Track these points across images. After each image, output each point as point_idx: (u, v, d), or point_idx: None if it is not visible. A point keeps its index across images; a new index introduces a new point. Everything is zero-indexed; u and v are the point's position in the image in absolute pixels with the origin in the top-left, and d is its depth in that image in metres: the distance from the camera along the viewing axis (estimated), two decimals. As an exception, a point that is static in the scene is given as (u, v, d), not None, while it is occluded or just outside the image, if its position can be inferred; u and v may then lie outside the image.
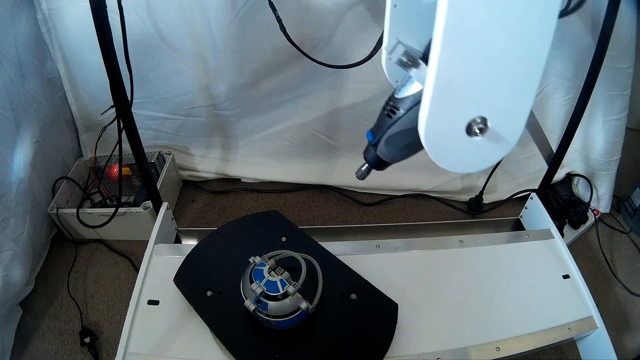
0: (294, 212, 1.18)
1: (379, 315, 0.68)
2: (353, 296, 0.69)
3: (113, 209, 0.97)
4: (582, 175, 1.13)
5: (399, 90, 0.48)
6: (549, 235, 0.87)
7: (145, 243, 0.83)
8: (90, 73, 1.04)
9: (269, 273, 0.63)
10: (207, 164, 1.25)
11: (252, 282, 0.62)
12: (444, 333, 0.69)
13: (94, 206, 1.11)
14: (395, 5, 0.47)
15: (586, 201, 1.12)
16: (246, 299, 0.63)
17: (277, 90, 1.08)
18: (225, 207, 1.20)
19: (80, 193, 1.13)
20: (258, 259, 0.65)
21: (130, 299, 0.73)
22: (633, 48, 0.88)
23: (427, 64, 0.37)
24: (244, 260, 0.67)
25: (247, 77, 1.06)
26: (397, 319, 0.67)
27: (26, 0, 0.94)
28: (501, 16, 0.34)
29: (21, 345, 0.87)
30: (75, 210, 1.01)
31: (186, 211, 1.19)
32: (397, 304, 0.68)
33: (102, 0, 0.62)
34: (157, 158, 1.15)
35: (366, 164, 0.56)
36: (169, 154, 1.18)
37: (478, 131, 0.39)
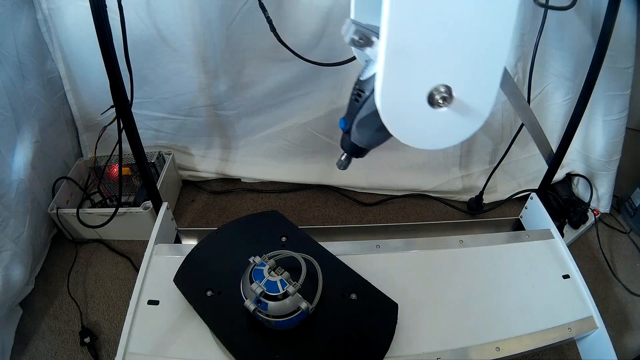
0: (294, 212, 1.18)
1: (379, 315, 0.68)
2: (353, 296, 0.69)
3: (113, 209, 0.97)
4: (582, 175, 1.13)
5: (363, 72, 0.46)
6: (549, 235, 0.87)
7: (145, 243, 0.83)
8: (90, 73, 1.04)
9: (269, 273, 0.63)
10: (207, 164, 1.25)
11: (252, 282, 0.62)
12: (444, 333, 0.69)
13: (94, 206, 1.11)
14: None
15: (586, 201, 1.12)
16: (246, 299, 0.63)
17: (277, 90, 1.08)
18: (225, 207, 1.20)
19: (80, 193, 1.13)
20: (258, 259, 0.65)
21: (130, 299, 0.72)
22: (633, 48, 0.88)
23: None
24: (244, 260, 0.67)
25: (247, 77, 1.06)
26: (397, 319, 0.67)
27: (26, 0, 0.94)
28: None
29: (21, 345, 0.87)
30: (75, 210, 1.01)
31: (186, 211, 1.19)
32: (397, 304, 0.68)
33: (102, 0, 0.62)
34: (157, 158, 1.15)
35: (345, 153, 0.55)
36: (169, 154, 1.18)
37: (441, 101, 0.37)
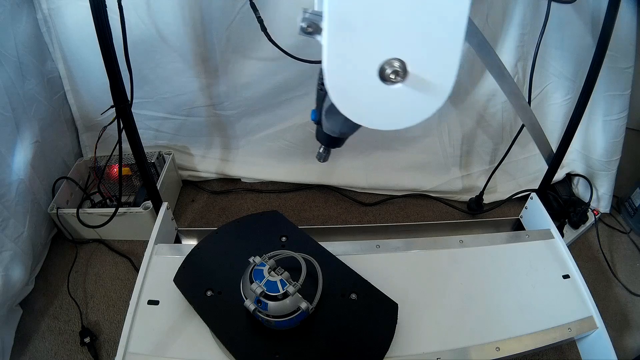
0: (294, 212, 1.18)
1: (379, 315, 0.67)
2: (353, 296, 0.69)
3: (113, 209, 0.97)
4: (582, 175, 1.13)
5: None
6: (549, 235, 0.87)
7: (145, 243, 0.83)
8: (90, 73, 1.04)
9: (269, 273, 0.63)
10: (207, 164, 1.25)
11: (252, 282, 0.62)
12: (444, 333, 0.69)
13: (94, 206, 1.11)
14: None
15: (586, 201, 1.11)
16: (246, 299, 0.63)
17: (277, 90, 1.08)
18: (225, 207, 1.20)
19: (80, 193, 1.13)
20: (258, 259, 0.65)
21: (130, 299, 0.72)
22: (633, 48, 0.88)
23: None
24: (244, 260, 0.67)
25: (247, 77, 1.06)
26: (397, 319, 0.67)
27: (26, 0, 0.94)
28: None
29: (21, 345, 0.87)
30: (75, 210, 1.01)
31: (186, 211, 1.19)
32: (397, 304, 0.68)
33: (102, 0, 0.62)
34: (157, 158, 1.15)
35: (322, 146, 0.54)
36: (169, 154, 1.18)
37: (393, 76, 0.34)
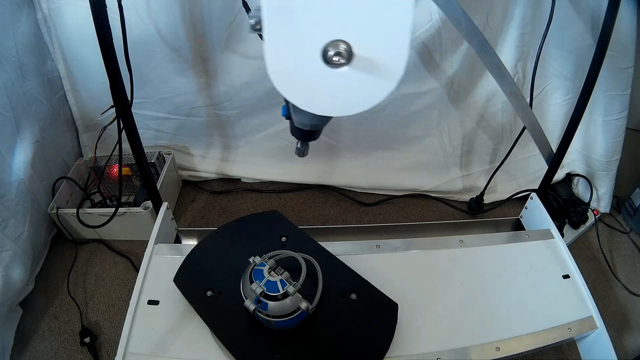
0: (294, 212, 1.18)
1: (379, 315, 0.67)
2: (353, 296, 0.69)
3: (113, 209, 0.97)
4: (582, 175, 1.13)
5: None
6: (549, 235, 0.87)
7: (145, 243, 0.83)
8: (90, 73, 1.04)
9: (269, 273, 0.63)
10: (207, 164, 1.25)
11: (252, 282, 0.62)
12: (444, 333, 0.69)
13: (94, 206, 1.11)
14: None
15: (586, 201, 1.11)
16: (246, 299, 0.63)
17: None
18: (225, 207, 1.20)
19: (80, 193, 1.13)
20: (258, 259, 0.66)
21: (130, 299, 0.73)
22: (633, 48, 0.88)
23: None
24: (244, 260, 0.67)
25: (247, 77, 1.06)
26: (397, 319, 0.67)
27: (26, 0, 0.94)
28: None
29: (21, 345, 0.87)
30: (75, 210, 1.01)
31: (186, 211, 1.19)
32: (397, 304, 0.68)
33: (102, 0, 0.62)
34: (157, 158, 1.15)
35: (298, 141, 0.54)
36: (169, 154, 1.18)
37: (336, 58, 0.33)
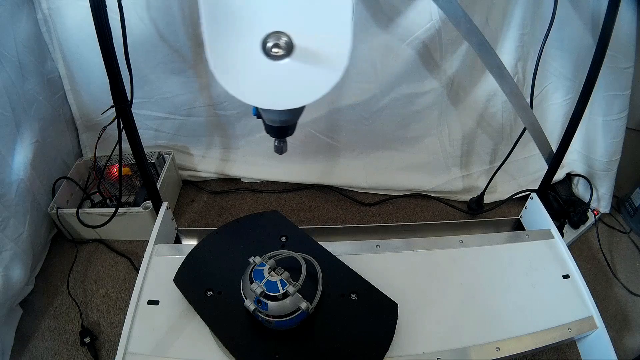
0: (294, 212, 1.18)
1: (379, 315, 0.67)
2: (353, 296, 0.69)
3: (113, 209, 0.97)
4: (582, 175, 1.13)
5: None
6: (549, 235, 0.87)
7: (145, 243, 0.83)
8: (90, 73, 1.04)
9: (269, 273, 0.63)
10: (207, 164, 1.25)
11: (252, 282, 0.62)
12: (444, 333, 0.69)
13: (94, 206, 1.11)
14: None
15: (586, 201, 1.11)
16: (246, 299, 0.63)
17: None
18: (225, 207, 1.20)
19: (80, 193, 1.13)
20: (258, 259, 0.65)
21: (130, 299, 0.72)
22: (633, 48, 0.88)
23: None
24: (244, 260, 0.67)
25: (247, 77, 1.06)
26: (397, 319, 0.67)
27: (26, 0, 0.94)
28: None
29: (21, 345, 0.87)
30: (75, 210, 1.01)
31: (186, 211, 1.19)
32: (397, 304, 0.68)
33: (102, 0, 0.62)
34: (157, 158, 1.15)
35: (274, 139, 0.54)
36: (169, 154, 1.18)
37: (275, 50, 0.33)
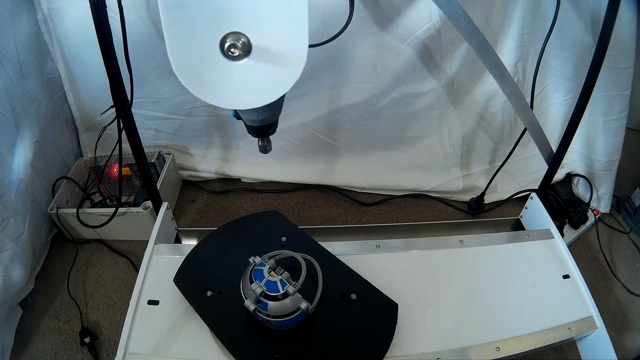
0: (294, 212, 1.18)
1: (379, 315, 0.67)
2: (353, 296, 0.69)
3: (113, 209, 0.97)
4: (582, 175, 1.13)
5: None
6: (549, 235, 0.87)
7: (145, 243, 0.83)
8: (90, 73, 1.04)
9: (269, 273, 0.63)
10: (207, 164, 1.25)
11: (252, 282, 0.62)
12: (444, 333, 0.69)
13: (94, 206, 1.11)
14: None
15: (586, 201, 1.11)
16: (246, 299, 0.63)
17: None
18: (225, 207, 1.20)
19: (80, 193, 1.13)
20: (258, 259, 0.65)
21: (130, 299, 0.72)
22: (633, 48, 0.88)
23: None
24: (244, 260, 0.67)
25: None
26: (397, 319, 0.67)
27: (26, 0, 0.94)
28: None
29: (21, 345, 0.87)
30: (75, 210, 1.01)
31: (186, 211, 1.19)
32: (397, 304, 0.68)
33: (102, 0, 0.62)
34: (157, 158, 1.15)
35: (258, 138, 0.55)
36: (169, 154, 1.18)
37: (233, 50, 0.34)
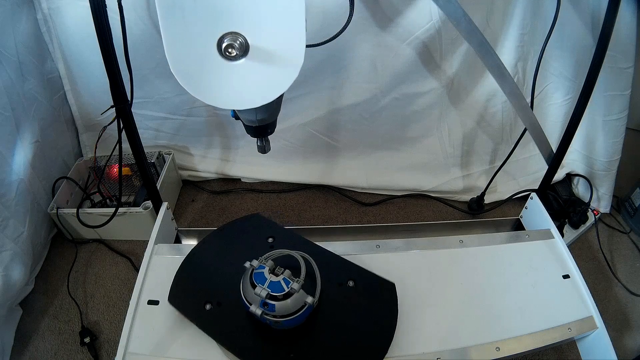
0: (294, 212, 1.18)
1: (379, 296, 0.69)
2: (350, 283, 0.70)
3: (113, 209, 0.97)
4: (582, 175, 1.13)
5: None
6: (549, 235, 0.87)
7: (145, 243, 0.83)
8: (90, 73, 1.04)
9: (270, 274, 0.62)
10: (207, 164, 1.25)
11: (255, 286, 0.61)
12: (444, 333, 0.69)
13: (94, 206, 1.11)
14: None
15: (586, 201, 1.11)
16: (250, 305, 0.61)
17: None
18: (225, 207, 1.20)
19: (80, 193, 1.13)
20: (255, 262, 0.64)
21: (130, 299, 0.72)
22: (633, 48, 0.88)
23: None
24: (237, 266, 0.66)
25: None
26: (398, 312, 0.68)
27: (26, 0, 0.94)
28: None
29: (21, 345, 0.87)
30: (75, 210, 1.01)
31: (186, 211, 1.19)
32: (394, 283, 0.69)
33: (102, 0, 0.62)
34: (157, 158, 1.15)
35: (256, 138, 0.55)
36: (169, 154, 1.18)
37: (230, 50, 0.34)
